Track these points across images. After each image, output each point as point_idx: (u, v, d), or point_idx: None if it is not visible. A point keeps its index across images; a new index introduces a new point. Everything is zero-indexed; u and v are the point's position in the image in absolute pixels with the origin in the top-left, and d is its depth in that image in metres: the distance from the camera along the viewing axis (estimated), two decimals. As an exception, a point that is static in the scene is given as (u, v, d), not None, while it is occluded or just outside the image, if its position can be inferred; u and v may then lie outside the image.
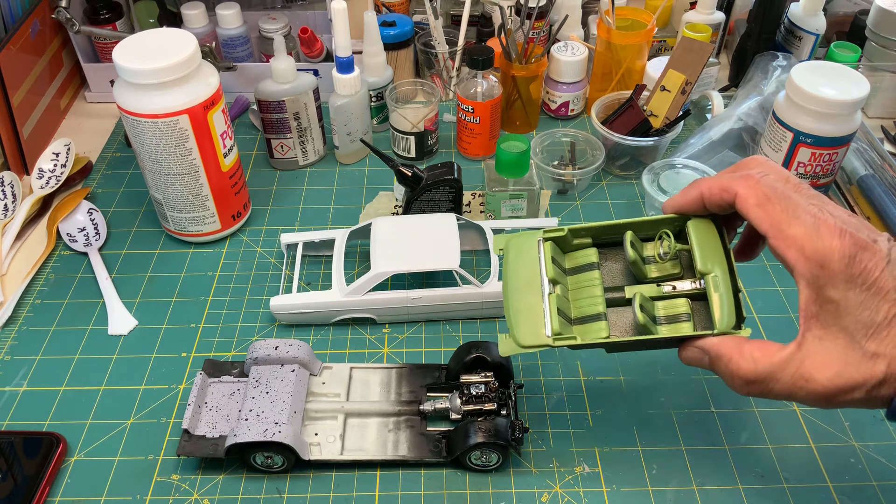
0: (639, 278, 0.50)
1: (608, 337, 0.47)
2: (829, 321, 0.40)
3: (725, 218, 0.48)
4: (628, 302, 0.49)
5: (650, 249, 0.50)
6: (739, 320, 0.45)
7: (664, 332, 0.47)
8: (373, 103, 0.87)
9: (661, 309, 0.48)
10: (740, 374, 0.42)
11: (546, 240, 0.51)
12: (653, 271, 0.50)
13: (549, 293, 0.49)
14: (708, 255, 0.46)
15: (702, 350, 0.45)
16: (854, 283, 0.39)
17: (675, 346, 0.47)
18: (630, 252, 0.48)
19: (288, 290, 0.69)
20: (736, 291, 0.46)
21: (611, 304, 0.49)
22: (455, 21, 1.01)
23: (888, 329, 0.38)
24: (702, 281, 0.47)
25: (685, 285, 0.48)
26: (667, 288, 0.48)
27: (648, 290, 0.49)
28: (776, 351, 0.42)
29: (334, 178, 0.84)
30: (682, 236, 0.49)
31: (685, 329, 0.47)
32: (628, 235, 0.49)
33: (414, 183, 0.70)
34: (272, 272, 0.73)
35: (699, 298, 0.48)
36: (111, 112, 0.95)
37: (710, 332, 0.45)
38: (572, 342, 0.47)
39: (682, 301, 0.48)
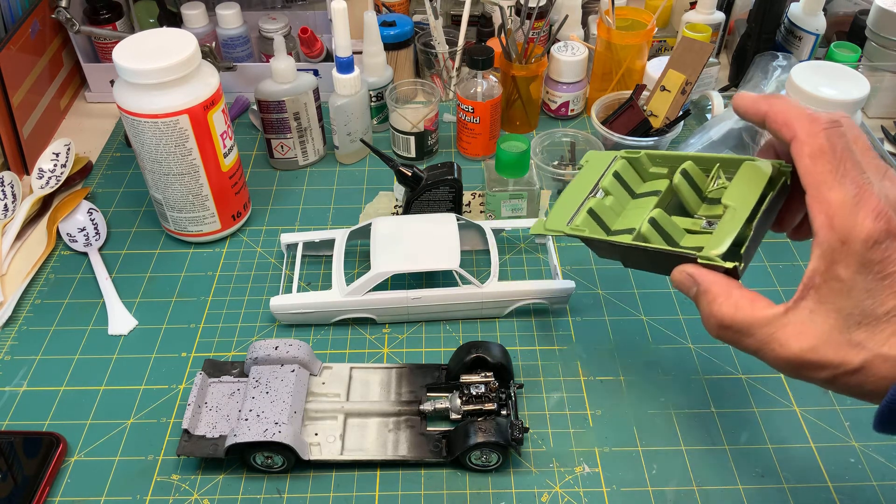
0: (688, 211, 0.50)
1: (620, 238, 0.48)
2: (827, 298, 0.38)
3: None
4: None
5: (707, 190, 0.51)
6: (733, 257, 0.44)
7: (657, 244, 0.47)
8: (373, 103, 0.87)
9: (687, 240, 0.48)
10: (718, 316, 0.42)
11: (622, 157, 0.54)
12: (703, 209, 0.50)
13: (592, 196, 0.52)
14: (739, 192, 0.46)
15: (692, 278, 0.44)
16: (869, 268, 0.37)
17: (676, 265, 0.47)
18: (677, 178, 0.49)
19: (288, 290, 0.69)
20: (750, 226, 0.45)
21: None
22: (455, 21, 1.01)
23: (884, 325, 0.37)
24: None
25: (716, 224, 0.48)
26: (704, 225, 0.49)
27: (685, 222, 0.49)
28: (762, 307, 0.41)
29: (334, 178, 0.84)
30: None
31: (689, 245, 0.47)
32: (685, 164, 0.49)
33: (414, 183, 0.70)
34: (272, 272, 0.73)
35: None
36: (111, 112, 0.95)
37: (694, 251, 0.45)
38: (582, 233, 0.51)
39: (709, 237, 0.46)
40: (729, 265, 0.44)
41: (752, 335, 0.41)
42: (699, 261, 0.45)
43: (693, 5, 0.99)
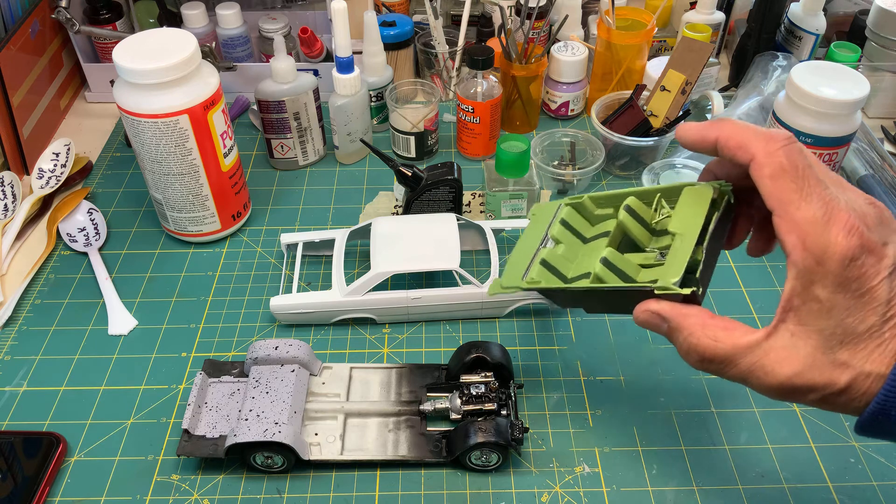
0: (640, 247, 0.49)
1: (574, 285, 0.49)
2: (808, 319, 0.38)
3: (743, 190, 0.45)
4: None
5: (653, 223, 0.50)
6: (689, 283, 0.44)
7: (614, 283, 0.46)
8: (373, 103, 0.87)
9: (643, 275, 0.47)
10: (698, 351, 0.41)
11: (567, 205, 0.54)
12: (653, 242, 0.49)
13: (543, 247, 0.53)
14: (684, 218, 0.45)
15: (659, 316, 0.43)
16: (847, 287, 0.36)
17: (637, 302, 0.46)
18: (622, 215, 0.48)
19: (288, 290, 0.69)
20: (701, 249, 0.44)
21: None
22: (455, 21, 1.01)
23: (867, 342, 0.37)
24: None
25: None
26: (658, 257, 0.48)
27: (637, 257, 0.48)
28: (741, 335, 0.40)
29: (334, 178, 0.84)
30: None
31: (643, 280, 0.46)
32: (628, 200, 0.48)
33: (414, 183, 0.70)
34: (272, 272, 0.73)
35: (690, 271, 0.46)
36: (111, 112, 0.95)
37: (650, 284, 0.44)
38: (538, 285, 0.51)
39: (664, 269, 0.46)
40: (686, 291, 0.43)
41: (735, 365, 0.40)
42: (656, 292, 0.44)
43: (693, 5, 0.99)
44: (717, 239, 0.46)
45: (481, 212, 0.78)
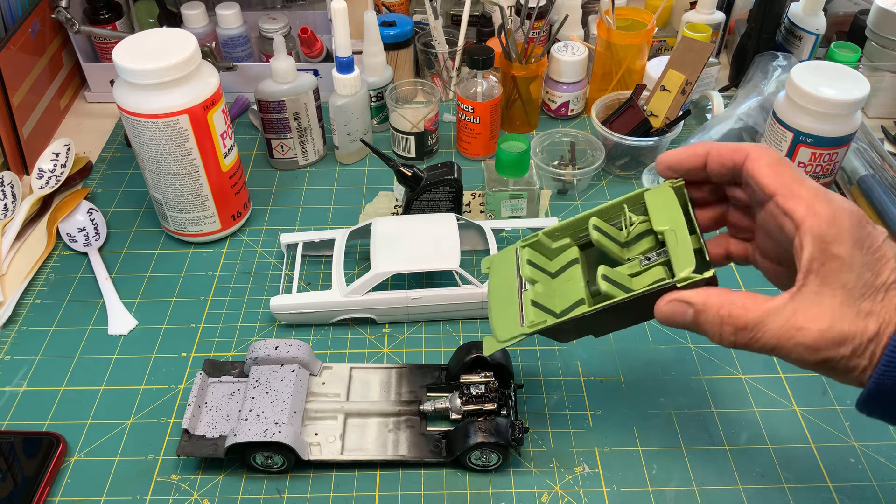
0: (617, 261, 0.49)
1: (585, 308, 0.47)
2: (830, 277, 0.39)
3: (689, 184, 0.48)
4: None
5: (624, 234, 0.50)
6: (703, 266, 0.44)
7: (621, 296, 0.45)
8: (373, 103, 0.87)
9: (638, 283, 0.47)
10: (732, 321, 0.42)
11: (523, 247, 0.53)
12: (628, 253, 0.49)
13: (525, 290, 0.50)
14: (663, 215, 0.46)
15: (685, 303, 0.44)
16: (861, 244, 0.39)
17: (652, 306, 0.45)
18: (594, 234, 0.48)
19: (288, 290, 0.69)
20: (696, 238, 0.45)
21: (595, 295, 0.48)
22: (455, 21, 1.01)
23: (885, 293, 0.39)
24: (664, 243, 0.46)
25: (656, 256, 0.47)
26: (643, 262, 0.47)
27: (625, 268, 0.48)
28: (765, 300, 0.41)
29: (334, 178, 0.84)
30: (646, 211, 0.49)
31: (652, 281, 0.46)
32: (592, 221, 0.49)
33: (414, 183, 0.70)
34: (272, 272, 0.73)
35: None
36: (111, 112, 0.95)
37: (671, 280, 0.44)
38: (544, 324, 0.48)
39: (660, 269, 0.46)
40: (709, 274, 0.44)
41: (767, 328, 0.41)
42: (679, 285, 0.44)
43: (693, 5, 0.99)
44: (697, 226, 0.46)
45: (481, 212, 0.78)
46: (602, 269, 0.46)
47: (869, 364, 0.39)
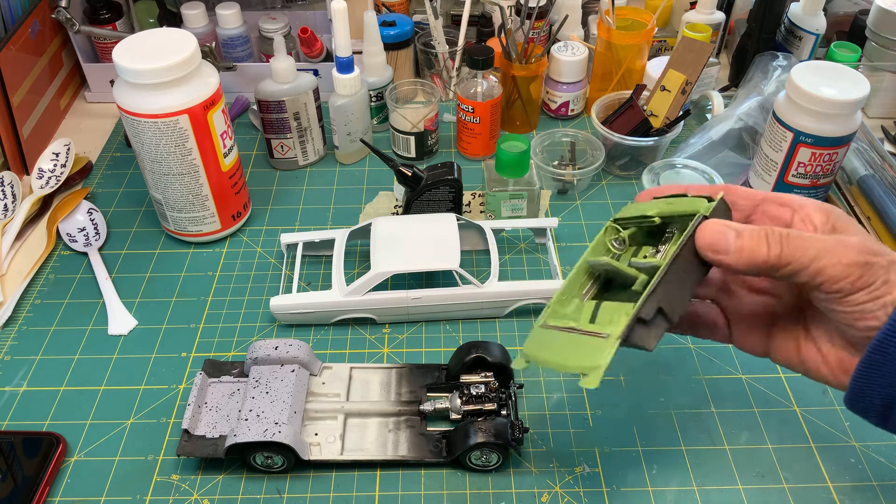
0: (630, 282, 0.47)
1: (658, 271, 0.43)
2: (844, 228, 0.43)
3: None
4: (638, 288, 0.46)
5: (624, 256, 0.49)
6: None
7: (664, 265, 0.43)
8: (373, 103, 0.87)
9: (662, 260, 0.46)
10: (775, 233, 0.41)
11: (546, 327, 0.48)
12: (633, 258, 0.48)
13: (575, 328, 0.46)
14: (649, 209, 0.47)
15: (724, 226, 0.42)
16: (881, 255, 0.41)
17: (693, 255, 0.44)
18: (604, 268, 0.47)
19: (288, 290, 0.69)
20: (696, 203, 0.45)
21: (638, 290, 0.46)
22: (455, 21, 1.01)
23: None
24: (669, 228, 0.46)
25: (665, 246, 0.46)
26: (658, 256, 0.46)
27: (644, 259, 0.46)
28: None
29: (334, 178, 0.84)
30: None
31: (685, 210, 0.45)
32: (601, 260, 0.46)
33: (414, 183, 0.70)
34: (272, 272, 0.73)
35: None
36: (111, 112, 0.95)
37: (699, 215, 0.43)
38: (627, 316, 0.43)
39: (672, 250, 0.44)
40: (721, 195, 0.45)
41: (809, 237, 0.41)
42: (705, 214, 0.43)
43: (693, 5, 0.99)
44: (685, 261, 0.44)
45: (481, 212, 0.78)
46: (632, 260, 0.45)
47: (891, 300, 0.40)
